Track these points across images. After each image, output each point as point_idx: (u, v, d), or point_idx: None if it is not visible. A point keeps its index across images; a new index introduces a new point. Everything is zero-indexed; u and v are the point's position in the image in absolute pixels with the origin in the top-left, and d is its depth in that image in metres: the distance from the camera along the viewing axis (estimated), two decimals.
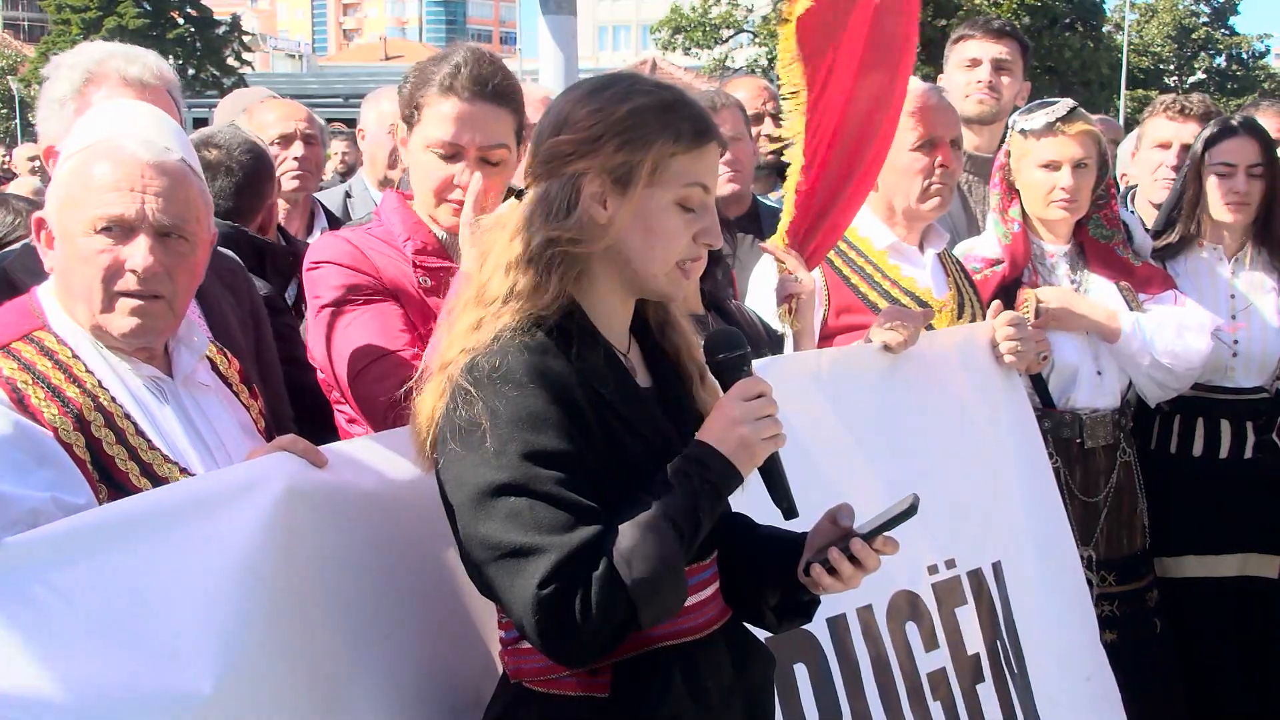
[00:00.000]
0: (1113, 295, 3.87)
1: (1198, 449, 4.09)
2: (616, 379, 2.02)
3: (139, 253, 2.16)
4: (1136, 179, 5.05)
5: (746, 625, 2.24)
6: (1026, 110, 3.87)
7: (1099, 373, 3.83)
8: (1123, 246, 3.94)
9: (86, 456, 2.10)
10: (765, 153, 4.62)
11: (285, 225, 4.27)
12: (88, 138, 2.25)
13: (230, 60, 48.55)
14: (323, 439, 2.27)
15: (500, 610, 2.08)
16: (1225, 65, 55.52)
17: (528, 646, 2.00)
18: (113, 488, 2.10)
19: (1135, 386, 3.97)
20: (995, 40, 4.80)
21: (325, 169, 7.49)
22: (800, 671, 2.77)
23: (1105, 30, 46.24)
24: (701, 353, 2.13)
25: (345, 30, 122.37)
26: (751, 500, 2.14)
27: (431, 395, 2.00)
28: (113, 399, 2.18)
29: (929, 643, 3.04)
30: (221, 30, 48.80)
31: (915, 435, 3.18)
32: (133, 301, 2.18)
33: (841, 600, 2.31)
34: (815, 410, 2.97)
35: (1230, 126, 4.10)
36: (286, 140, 4.37)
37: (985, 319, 3.51)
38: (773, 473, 2.06)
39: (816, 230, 3.31)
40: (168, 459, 2.20)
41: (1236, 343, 4.04)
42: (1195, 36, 54.61)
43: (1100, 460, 3.84)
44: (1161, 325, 3.83)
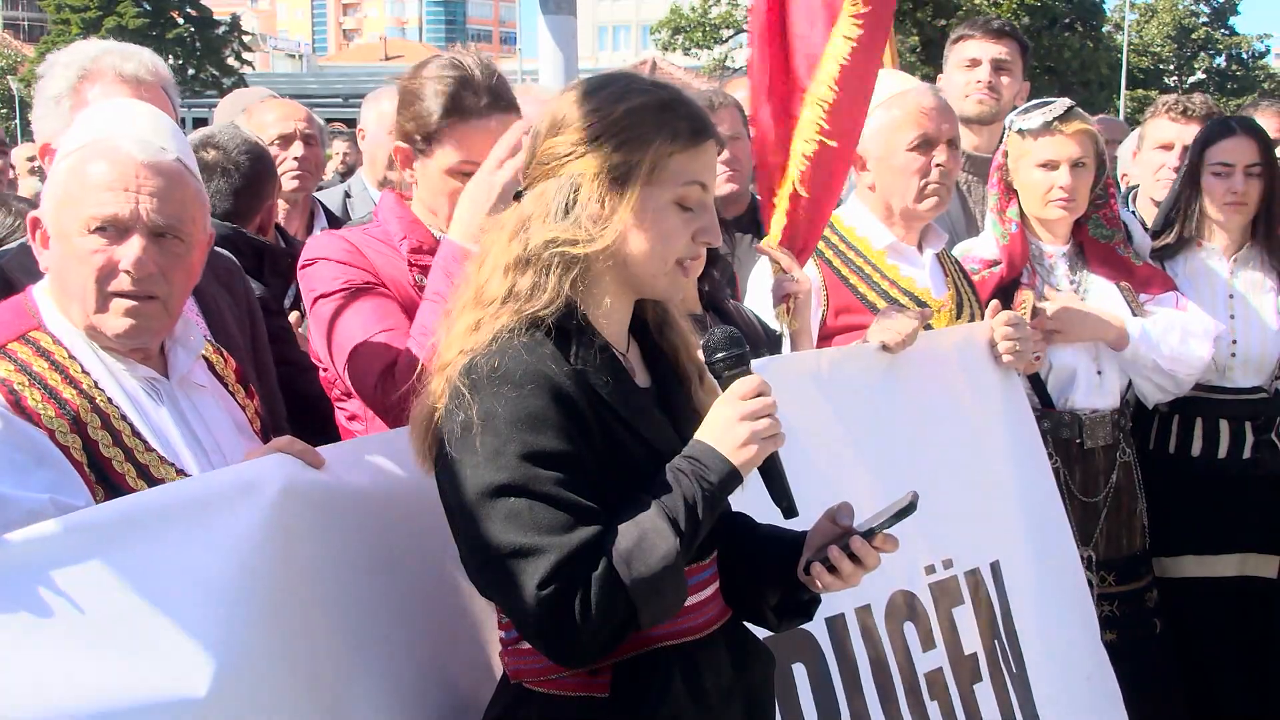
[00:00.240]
0: (1113, 296, 3.87)
1: (1196, 449, 4.09)
2: (615, 379, 2.02)
3: (132, 253, 2.15)
4: (1138, 179, 5.06)
5: (746, 625, 2.24)
6: (1024, 110, 3.87)
7: (1099, 373, 3.83)
8: (1123, 246, 3.94)
9: (84, 458, 2.10)
10: None
11: (285, 225, 4.27)
12: (83, 137, 2.23)
13: (230, 60, 48.55)
14: (318, 442, 2.27)
15: (500, 611, 2.08)
16: (1225, 65, 55.53)
17: (527, 647, 2.00)
18: (110, 489, 2.09)
19: (1135, 388, 3.98)
20: (995, 40, 4.81)
21: (326, 169, 7.49)
22: (799, 671, 2.77)
23: (1105, 30, 46.28)
24: (700, 353, 2.13)
25: (345, 30, 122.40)
26: (751, 500, 2.14)
27: (430, 396, 2.00)
28: (109, 400, 2.17)
29: (926, 643, 3.04)
30: (221, 30, 48.79)
31: (913, 435, 3.18)
32: (127, 302, 2.17)
33: (840, 600, 2.31)
34: (814, 410, 2.97)
35: (1228, 126, 4.11)
36: (286, 140, 4.37)
37: (983, 319, 3.52)
38: (772, 472, 2.06)
39: (805, 226, 3.32)
40: (164, 460, 2.19)
41: (1235, 343, 4.04)
42: (1195, 36, 54.62)
43: (1100, 460, 3.84)
44: (1167, 330, 3.84)
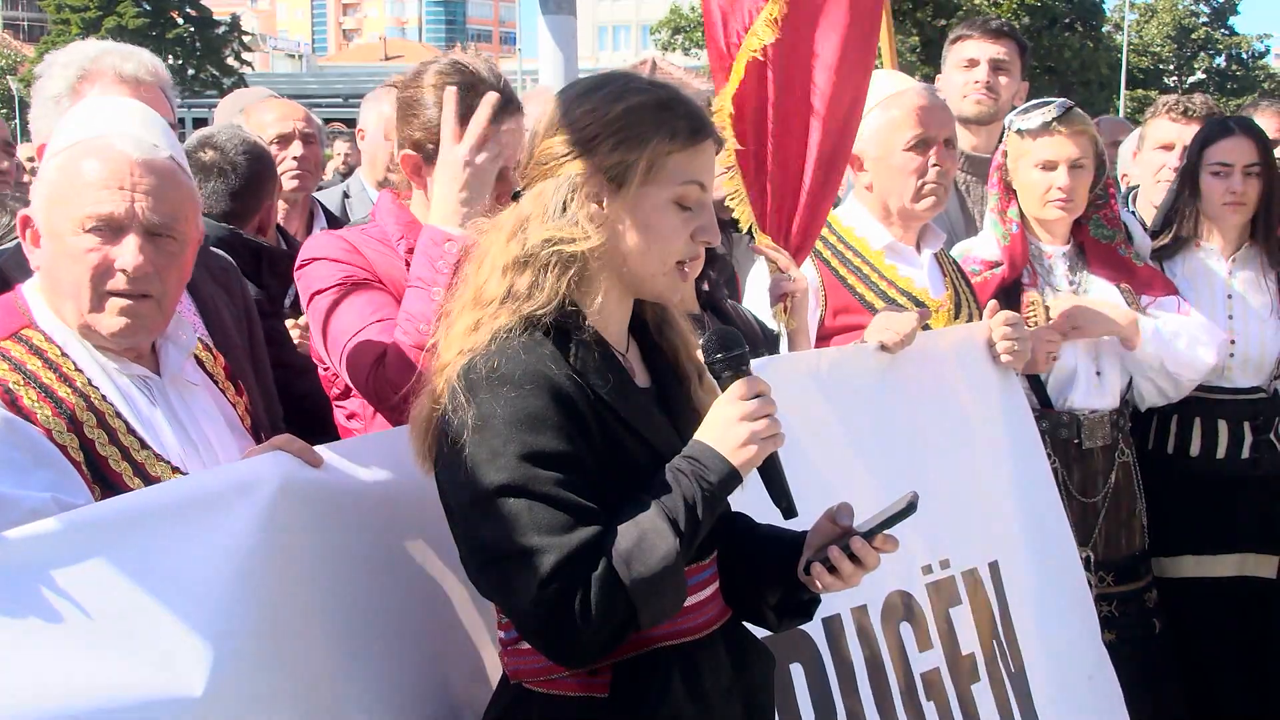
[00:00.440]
0: (1113, 297, 3.87)
1: (1195, 449, 4.09)
2: (615, 379, 2.02)
3: (128, 252, 2.14)
4: (1138, 180, 5.05)
5: (746, 625, 2.24)
6: (1023, 110, 3.87)
7: (1098, 373, 3.83)
8: (1124, 247, 3.93)
9: (81, 457, 2.10)
10: None
11: (284, 225, 4.27)
12: (75, 134, 2.22)
13: (230, 60, 48.56)
14: (317, 443, 2.26)
15: (500, 611, 2.08)
16: (1225, 65, 55.54)
17: (527, 647, 2.00)
18: (107, 488, 2.09)
19: (1134, 388, 3.97)
20: (993, 40, 4.81)
21: (327, 169, 7.48)
22: (796, 671, 2.77)
23: (1105, 30, 46.29)
24: (699, 352, 2.12)
25: (345, 30, 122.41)
26: (751, 500, 2.14)
27: (429, 397, 2.00)
28: (103, 398, 2.17)
29: (923, 643, 3.04)
30: (221, 30, 48.79)
31: (912, 435, 3.19)
32: (122, 301, 2.16)
33: (836, 600, 2.31)
34: (813, 410, 2.98)
35: (1226, 126, 4.10)
36: (285, 140, 4.37)
37: (982, 319, 3.52)
38: (771, 472, 2.06)
39: (804, 225, 3.33)
40: (159, 458, 2.19)
41: (1233, 343, 4.04)
42: (1195, 36, 54.63)
43: (1098, 461, 3.84)
44: (1176, 334, 3.85)
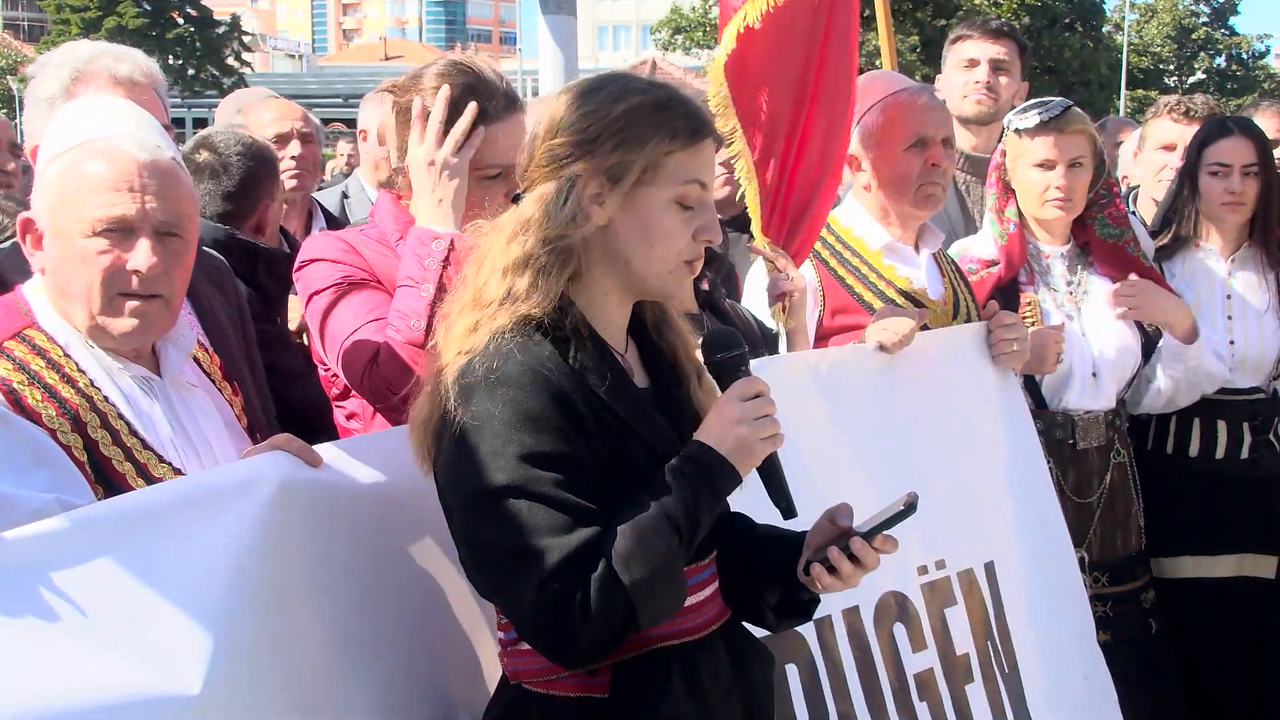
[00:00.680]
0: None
1: (1194, 449, 4.09)
2: (614, 379, 2.02)
3: (142, 254, 2.14)
4: (1139, 180, 5.05)
5: (746, 625, 2.25)
6: (1021, 110, 3.86)
7: (1094, 374, 3.83)
8: (1133, 245, 3.92)
9: (84, 457, 2.10)
10: None
11: (283, 225, 4.26)
12: (74, 137, 2.22)
13: (230, 60, 48.53)
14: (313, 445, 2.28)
15: (499, 611, 2.08)
16: (1225, 65, 55.52)
17: (527, 648, 2.00)
18: (110, 488, 2.09)
19: (1146, 389, 3.96)
20: (993, 40, 4.80)
21: (328, 169, 7.46)
22: (791, 672, 2.78)
23: (1105, 30, 46.28)
24: (698, 352, 2.13)
25: (345, 30, 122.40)
26: (750, 500, 2.14)
27: (428, 398, 2.00)
28: (105, 399, 2.17)
29: (917, 643, 3.04)
30: (221, 30, 48.76)
31: (910, 435, 3.19)
32: (133, 302, 2.17)
33: (828, 602, 2.31)
34: (812, 410, 2.98)
35: (1225, 127, 4.10)
36: (283, 140, 4.35)
37: (980, 319, 3.53)
38: (771, 472, 2.06)
39: (800, 226, 3.33)
40: (161, 459, 2.19)
41: (1232, 344, 4.04)
42: (1195, 37, 54.61)
43: (1093, 461, 3.83)
44: (1205, 343, 3.91)
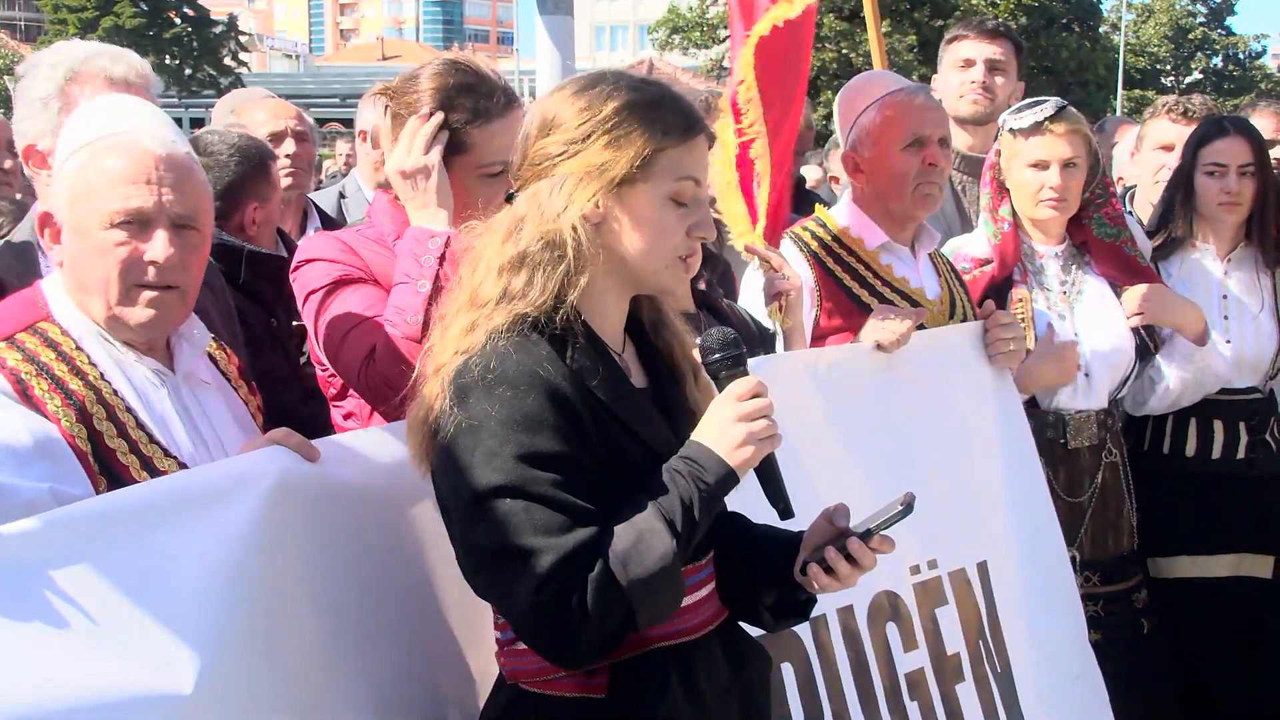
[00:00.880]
0: (1108, 299, 3.88)
1: (1191, 449, 4.09)
2: (611, 379, 2.02)
3: (159, 245, 2.18)
4: (1135, 180, 5.05)
5: (743, 625, 2.25)
6: (1016, 109, 3.86)
7: (1085, 375, 3.83)
8: (1130, 245, 3.92)
9: (88, 449, 2.11)
10: None
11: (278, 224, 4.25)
12: (92, 132, 2.25)
13: (227, 60, 48.48)
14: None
15: (496, 611, 2.09)
16: (1222, 65, 55.61)
17: (524, 648, 2.01)
18: (113, 481, 2.11)
19: (1153, 389, 3.96)
20: (989, 41, 4.81)
21: (323, 170, 7.45)
22: (787, 671, 2.78)
23: (1102, 30, 46.34)
24: (695, 352, 2.13)
25: (342, 30, 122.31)
26: (747, 500, 2.14)
27: (426, 398, 2.00)
28: (115, 392, 2.19)
29: (908, 643, 3.05)
30: (218, 30, 48.69)
31: (907, 435, 3.19)
32: (150, 293, 2.20)
33: (823, 601, 2.32)
34: (810, 410, 2.98)
35: (1222, 126, 4.10)
36: (277, 139, 4.33)
37: (976, 318, 3.53)
38: (768, 472, 2.06)
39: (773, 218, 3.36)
40: (167, 453, 2.21)
41: (1229, 344, 4.05)
42: (1192, 37, 54.70)
43: (1085, 461, 3.83)
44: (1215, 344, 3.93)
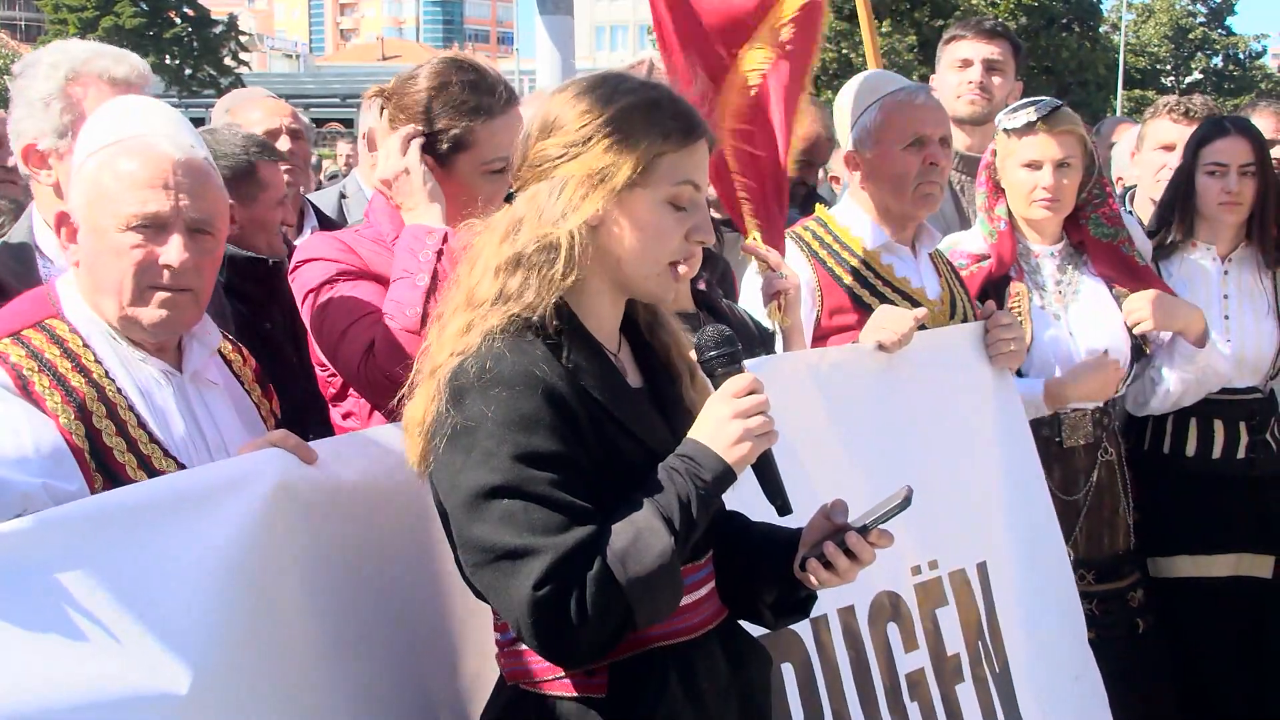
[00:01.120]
0: (1105, 298, 3.87)
1: (1191, 449, 4.08)
2: (607, 379, 2.02)
3: (174, 250, 2.21)
4: (1135, 180, 5.05)
5: (743, 624, 2.25)
6: (1011, 109, 3.86)
7: None
8: (1128, 245, 3.92)
9: (85, 445, 2.12)
10: None
11: None
12: (110, 134, 2.28)
13: (227, 60, 48.53)
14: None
15: (496, 612, 2.08)
16: (1222, 65, 55.63)
17: (524, 648, 2.01)
18: (109, 478, 2.12)
19: (1158, 389, 3.97)
20: (987, 41, 4.81)
21: (323, 170, 7.43)
22: (787, 671, 2.78)
23: (1102, 30, 46.37)
24: (691, 351, 2.13)
25: (342, 30, 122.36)
26: (745, 498, 2.14)
27: (423, 399, 2.00)
28: (118, 390, 2.21)
29: (909, 643, 3.05)
30: (218, 30, 48.73)
31: (906, 434, 3.19)
32: (164, 294, 2.23)
33: (824, 601, 2.32)
34: (810, 409, 2.98)
35: (1222, 126, 4.10)
36: (272, 137, 4.30)
37: (976, 318, 3.53)
38: (766, 470, 2.06)
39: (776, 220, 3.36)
40: (167, 453, 2.22)
41: (1229, 344, 4.05)
42: (1192, 37, 54.72)
43: (1080, 459, 3.83)
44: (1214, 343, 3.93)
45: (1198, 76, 54.32)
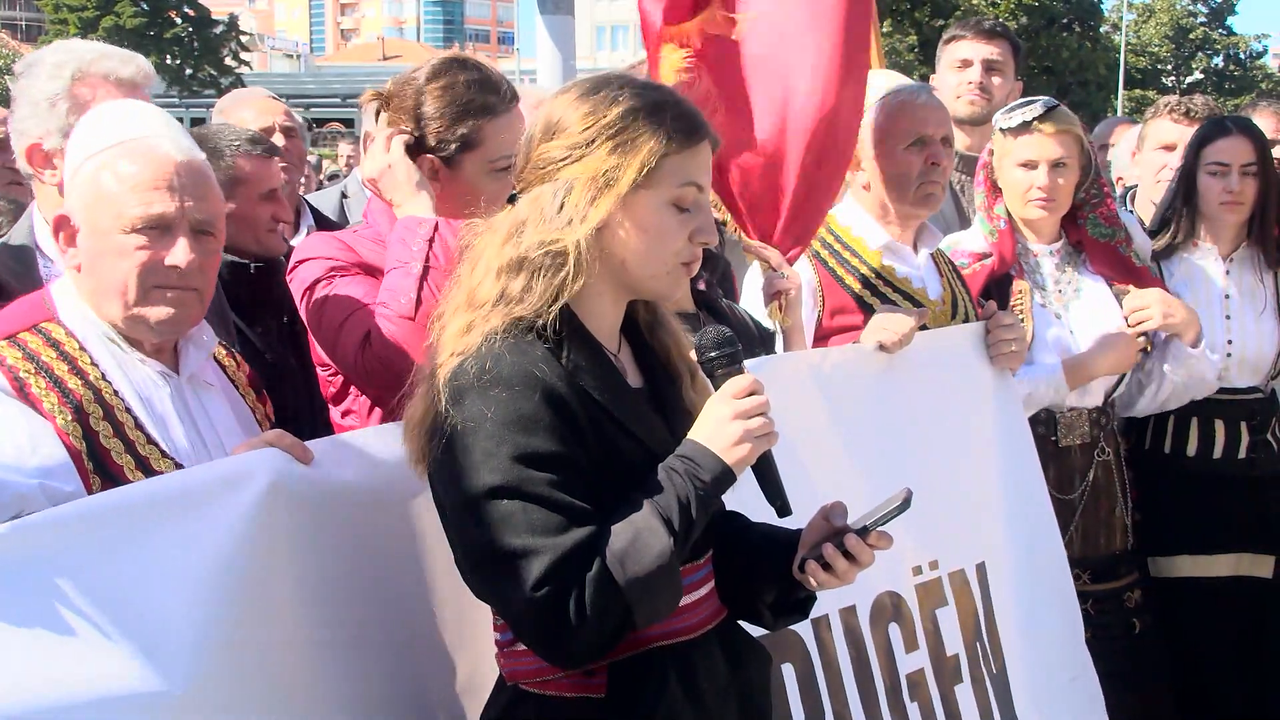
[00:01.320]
0: (1105, 298, 3.87)
1: (1192, 449, 4.08)
2: (608, 380, 2.02)
3: (181, 252, 2.23)
4: (1136, 180, 5.05)
5: (742, 624, 2.25)
6: (1008, 109, 3.86)
7: None
8: (1125, 245, 3.92)
9: (82, 447, 2.12)
10: None
11: None
12: (110, 137, 2.28)
13: (228, 60, 48.48)
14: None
15: (495, 612, 2.08)
16: (1222, 65, 55.65)
17: (523, 648, 2.01)
18: (108, 480, 2.11)
19: (1146, 389, 3.96)
20: (986, 41, 4.82)
21: (325, 170, 7.43)
22: (787, 671, 2.78)
23: (1103, 30, 46.39)
24: (691, 352, 2.13)
25: (343, 30, 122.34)
26: (745, 498, 2.14)
27: (423, 399, 2.00)
28: (115, 392, 2.21)
29: (909, 644, 3.05)
30: (219, 30, 48.68)
31: (907, 435, 3.19)
32: (170, 292, 2.24)
33: (825, 601, 2.32)
34: (811, 409, 2.98)
35: (1224, 126, 4.10)
36: (265, 134, 4.31)
37: (978, 318, 3.52)
38: (765, 470, 2.06)
39: (796, 225, 3.33)
40: (165, 454, 2.22)
41: (1230, 343, 4.04)
42: (1193, 36, 54.75)
43: (1075, 458, 3.82)
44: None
45: (1198, 76, 54.35)
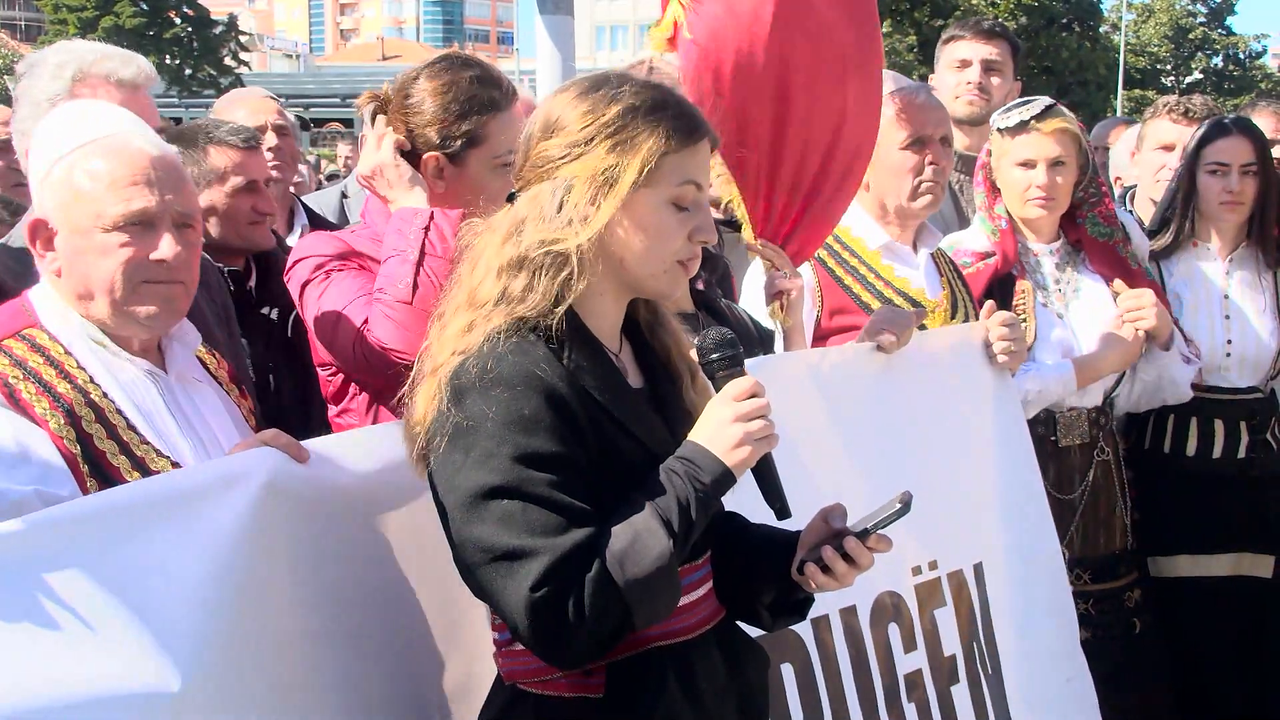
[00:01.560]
0: (1104, 298, 3.87)
1: (1191, 449, 4.09)
2: (608, 380, 2.02)
3: (167, 246, 2.22)
4: (1135, 180, 5.05)
5: (741, 625, 2.25)
6: (1005, 109, 3.87)
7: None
8: (1123, 246, 3.93)
9: (77, 450, 2.12)
10: None
11: None
12: (79, 136, 2.26)
13: (227, 60, 48.51)
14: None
15: (493, 612, 2.08)
16: (1222, 65, 55.69)
17: (521, 648, 2.00)
18: (104, 482, 2.11)
19: (1120, 388, 3.97)
20: (985, 41, 4.82)
21: (324, 170, 7.42)
22: (787, 671, 2.78)
23: (1102, 30, 46.42)
24: (692, 352, 2.12)
25: (342, 30, 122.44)
26: (744, 499, 2.14)
27: (423, 398, 2.00)
28: (104, 394, 2.20)
29: (908, 644, 3.04)
30: (218, 30, 48.71)
31: (906, 435, 3.18)
32: (158, 286, 2.24)
33: (825, 601, 2.32)
34: (808, 410, 2.97)
35: (1224, 126, 4.10)
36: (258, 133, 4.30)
37: (978, 318, 3.52)
38: (765, 472, 2.06)
39: (801, 226, 3.32)
40: (160, 454, 2.21)
41: (1230, 343, 4.05)
42: (1192, 36, 54.78)
43: (1075, 458, 3.83)
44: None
45: (1198, 76, 54.37)
